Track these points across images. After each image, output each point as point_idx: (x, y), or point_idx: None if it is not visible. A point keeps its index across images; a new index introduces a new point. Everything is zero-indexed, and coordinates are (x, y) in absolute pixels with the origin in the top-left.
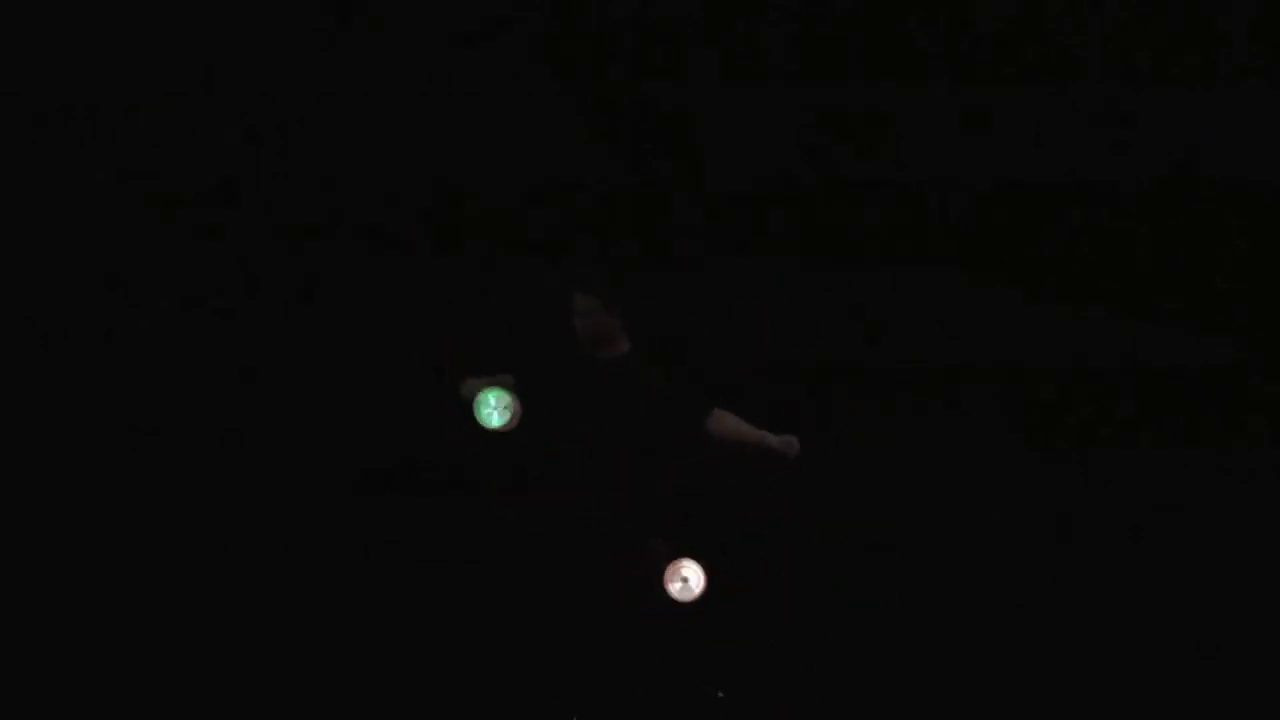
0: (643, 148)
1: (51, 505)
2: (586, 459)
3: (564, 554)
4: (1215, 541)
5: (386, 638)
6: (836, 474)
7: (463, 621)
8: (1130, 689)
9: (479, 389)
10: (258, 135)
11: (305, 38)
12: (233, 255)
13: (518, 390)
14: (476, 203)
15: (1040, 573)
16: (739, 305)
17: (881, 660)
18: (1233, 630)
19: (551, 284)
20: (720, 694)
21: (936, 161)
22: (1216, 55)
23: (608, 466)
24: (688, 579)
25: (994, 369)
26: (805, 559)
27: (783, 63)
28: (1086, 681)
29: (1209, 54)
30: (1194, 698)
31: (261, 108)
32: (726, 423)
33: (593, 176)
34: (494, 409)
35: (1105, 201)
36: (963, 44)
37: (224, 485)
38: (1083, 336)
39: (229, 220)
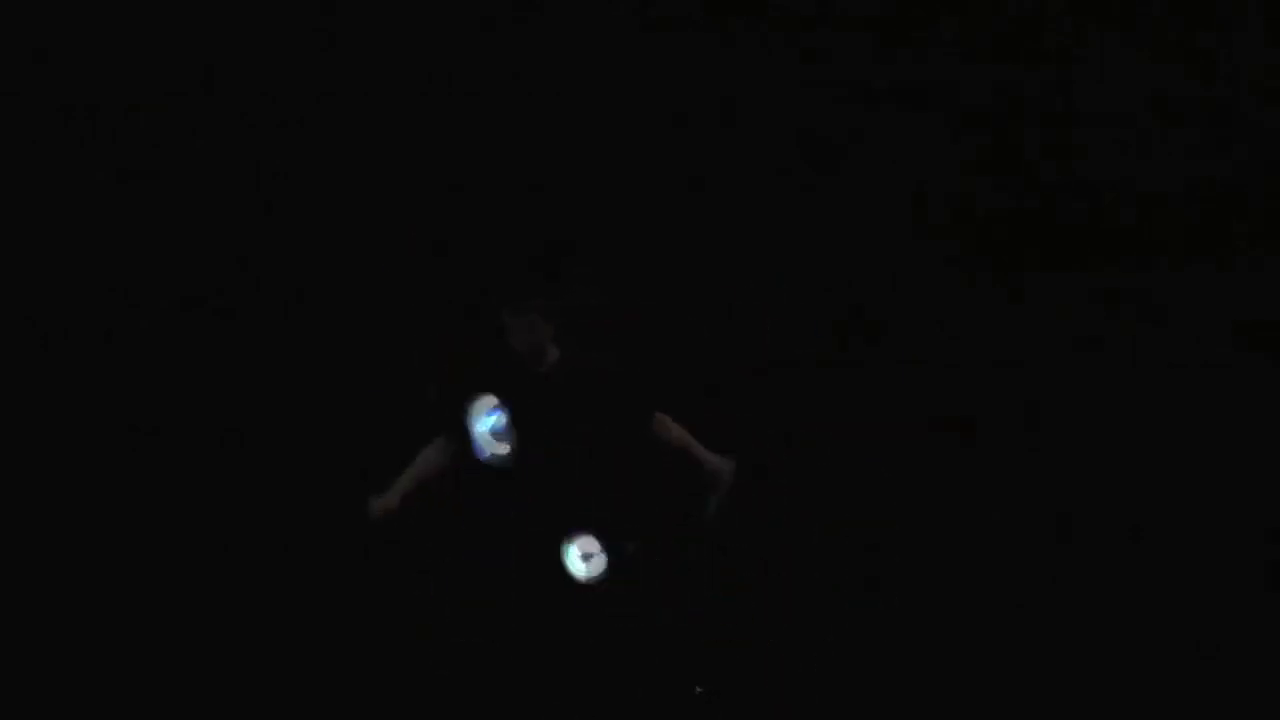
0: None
1: (52, 505)
2: (571, 461)
3: (550, 555)
4: (1215, 541)
5: (385, 637)
6: (836, 474)
7: (463, 622)
8: (1130, 689)
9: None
10: (258, 135)
11: (305, 38)
12: (233, 255)
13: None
14: (476, 203)
15: (1040, 573)
16: (739, 304)
17: (881, 660)
18: (1233, 630)
19: (550, 286)
20: (698, 689)
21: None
22: None
23: (593, 468)
24: (590, 555)
25: (994, 366)
26: (805, 559)
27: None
28: (1087, 681)
29: None
30: (1194, 698)
31: (261, 108)
32: (669, 429)
33: (593, 176)
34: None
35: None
36: None
37: (224, 485)
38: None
39: (229, 220)
